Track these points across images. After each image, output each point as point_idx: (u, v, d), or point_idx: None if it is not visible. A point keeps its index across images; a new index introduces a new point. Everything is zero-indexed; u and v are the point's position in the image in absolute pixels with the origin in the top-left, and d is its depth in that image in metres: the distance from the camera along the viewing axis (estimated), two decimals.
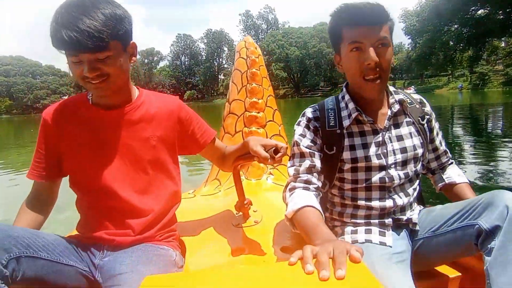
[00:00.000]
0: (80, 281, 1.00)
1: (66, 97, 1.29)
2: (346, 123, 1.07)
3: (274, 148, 1.06)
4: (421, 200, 1.23)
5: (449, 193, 1.21)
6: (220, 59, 79.03)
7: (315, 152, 1.08)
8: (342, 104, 1.10)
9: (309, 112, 1.12)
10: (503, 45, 39.45)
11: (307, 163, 1.06)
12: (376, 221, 1.06)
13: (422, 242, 1.06)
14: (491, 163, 4.99)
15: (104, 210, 1.05)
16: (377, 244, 1.01)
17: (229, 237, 1.25)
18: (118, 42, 0.92)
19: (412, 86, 39.74)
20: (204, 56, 78.77)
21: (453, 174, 1.22)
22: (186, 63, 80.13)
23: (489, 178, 4.27)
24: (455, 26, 19.73)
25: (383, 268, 0.90)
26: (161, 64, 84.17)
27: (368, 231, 1.05)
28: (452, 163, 1.26)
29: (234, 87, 1.88)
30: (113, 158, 1.04)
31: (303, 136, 1.09)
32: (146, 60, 79.67)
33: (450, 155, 1.25)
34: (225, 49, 77.42)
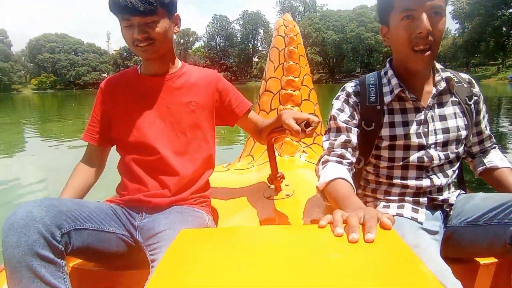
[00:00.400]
0: (120, 244, 1.08)
1: (105, 75, 1.39)
2: (387, 99, 1.04)
3: (305, 122, 1.07)
4: (462, 183, 1.18)
5: (490, 178, 1.14)
6: (255, 41, 78.29)
7: (352, 128, 1.06)
8: (384, 80, 1.07)
9: (349, 86, 1.10)
10: None
11: (342, 137, 1.05)
12: (410, 199, 1.04)
13: (456, 229, 1.02)
14: None
15: (144, 166, 1.14)
16: (408, 218, 1.00)
17: (260, 208, 1.29)
18: (164, 9, 1.06)
19: None
20: (239, 38, 78.30)
21: (495, 158, 1.14)
22: (221, 44, 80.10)
23: None
24: (510, 10, 18.11)
25: (413, 237, 0.89)
26: (196, 44, 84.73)
27: (401, 207, 1.04)
28: (495, 147, 1.19)
29: (271, 64, 1.89)
30: (156, 120, 1.15)
31: (341, 110, 1.08)
32: (182, 41, 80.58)
33: (494, 140, 1.17)
34: (261, 31, 76.44)
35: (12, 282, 0.83)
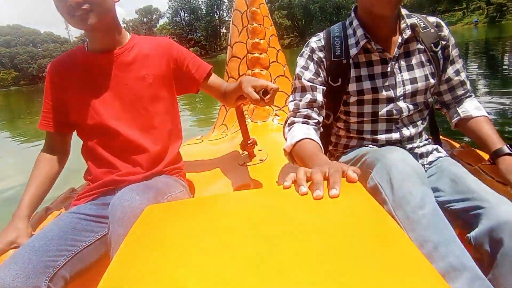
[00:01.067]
0: (103, 243, 1.01)
1: None
2: (353, 51, 1.01)
3: (263, 90, 1.04)
4: (436, 132, 1.17)
5: (465, 129, 1.08)
6: (221, 12, 75.68)
7: (317, 86, 1.03)
8: (350, 31, 1.03)
9: (313, 41, 1.06)
10: None
11: (308, 97, 1.03)
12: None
13: None
14: (505, 97, 4.86)
15: (110, 150, 1.10)
16: (369, 146, 1.01)
17: (235, 175, 1.28)
18: None
19: None
20: (204, 10, 75.50)
21: (470, 107, 1.08)
22: (186, 19, 77.15)
23: (504, 112, 4.18)
24: None
25: (373, 149, 0.90)
26: (161, 22, 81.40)
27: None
28: (470, 96, 1.11)
29: (235, 28, 1.82)
30: (114, 99, 1.09)
31: (306, 68, 1.05)
32: (144, 19, 77.01)
33: (469, 87, 1.10)
34: (225, 0, 73.91)
35: None
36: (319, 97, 1.03)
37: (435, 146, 1.08)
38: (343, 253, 0.44)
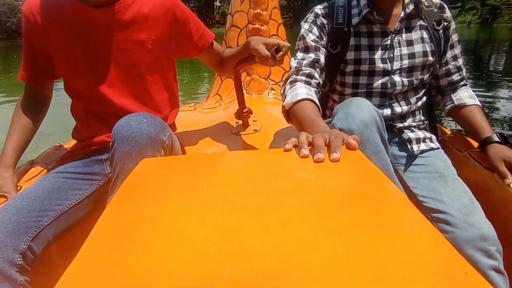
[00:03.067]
0: (90, 202, 0.99)
1: None
2: (355, 20, 1.03)
3: (275, 48, 1.02)
4: (432, 116, 1.19)
5: (457, 117, 1.10)
6: None
7: (320, 47, 1.05)
8: (354, 2, 1.05)
9: (318, 8, 1.09)
10: None
11: (311, 56, 1.04)
12: None
13: (410, 179, 1.03)
14: (487, 100, 5.01)
15: (102, 116, 1.03)
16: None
17: (228, 144, 1.27)
18: None
19: None
20: None
21: (464, 95, 1.11)
22: None
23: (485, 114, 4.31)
24: None
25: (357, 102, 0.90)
26: None
27: None
28: (465, 85, 1.14)
29: None
30: (108, 63, 0.99)
31: (309, 31, 1.06)
32: None
33: (464, 74, 1.13)
34: None
35: None
36: (322, 58, 1.05)
37: (429, 135, 1.10)
38: (343, 210, 0.44)
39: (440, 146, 1.10)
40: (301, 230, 0.40)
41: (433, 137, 1.11)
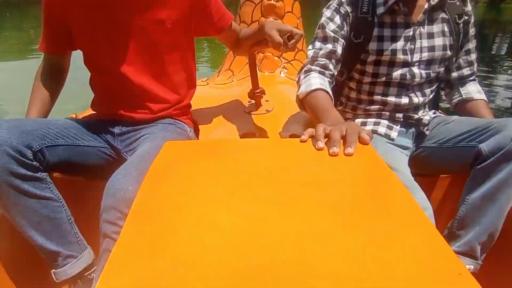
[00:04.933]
0: (100, 155, 1.06)
1: None
2: (380, 10, 1.02)
3: (289, 35, 1.03)
4: (436, 105, 1.22)
5: (464, 110, 1.14)
6: None
7: (339, 38, 1.05)
8: None
9: None
10: None
11: (328, 47, 1.04)
12: (387, 113, 1.10)
13: (426, 149, 1.08)
14: (487, 81, 5.02)
15: (120, 93, 1.07)
16: (382, 135, 1.07)
17: (240, 123, 1.30)
18: None
19: None
20: None
21: (473, 90, 1.14)
22: None
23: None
24: None
25: (384, 148, 0.97)
26: None
27: (377, 123, 1.10)
28: (474, 80, 1.17)
29: None
30: (128, 41, 1.01)
31: (331, 19, 1.05)
32: None
33: (475, 69, 1.15)
34: None
35: None
36: (339, 50, 1.05)
37: (433, 111, 1.16)
38: (355, 209, 0.49)
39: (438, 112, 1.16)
40: (318, 224, 0.46)
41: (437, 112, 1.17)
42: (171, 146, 0.71)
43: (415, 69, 1.05)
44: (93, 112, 1.16)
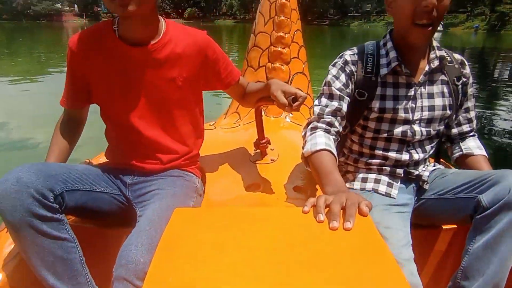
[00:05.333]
0: (113, 202, 1.10)
1: (59, 5, 1.21)
2: (383, 71, 1.05)
3: (293, 97, 1.07)
4: (438, 159, 1.25)
5: (464, 165, 1.17)
6: None
7: (344, 96, 1.07)
8: (383, 51, 1.08)
9: (347, 54, 1.10)
10: None
11: (334, 105, 1.07)
12: (388, 168, 1.10)
13: (427, 201, 1.09)
14: (488, 110, 5.05)
15: (132, 144, 1.13)
16: (382, 194, 1.07)
17: (246, 173, 1.31)
18: None
19: None
20: None
21: (473, 145, 1.17)
22: None
23: (482, 125, 4.35)
24: None
25: (381, 214, 0.98)
26: None
27: (377, 181, 1.10)
28: (474, 136, 1.21)
29: (261, 17, 1.79)
30: (140, 96, 1.08)
31: (336, 78, 1.09)
32: None
33: (475, 126, 1.20)
34: None
35: (17, 241, 0.87)
36: (344, 107, 1.08)
37: (433, 165, 1.18)
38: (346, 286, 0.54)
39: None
40: None
41: (437, 164, 1.19)
42: (181, 214, 0.74)
43: (416, 127, 1.07)
44: (106, 160, 1.22)
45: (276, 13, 1.72)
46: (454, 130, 1.20)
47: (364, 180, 1.12)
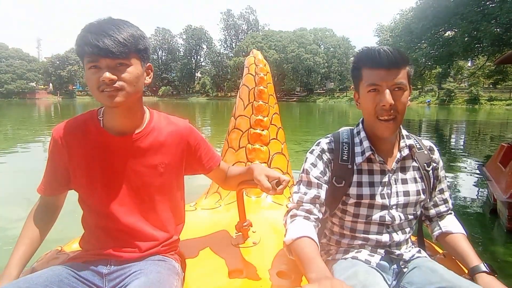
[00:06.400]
0: None
1: (33, 84, 1.22)
2: (358, 160, 1.11)
3: (277, 180, 1.10)
4: (422, 243, 1.29)
5: (445, 243, 1.21)
6: (198, 57, 78.03)
7: (322, 184, 1.11)
8: (357, 140, 1.14)
9: (324, 143, 1.16)
10: (469, 64, 41.81)
11: (312, 193, 1.10)
12: (369, 248, 1.13)
13: None
14: (451, 177, 5.34)
15: (110, 231, 1.09)
16: (362, 261, 1.08)
17: (228, 257, 1.27)
18: (138, 56, 0.99)
19: None
20: (182, 52, 77.42)
21: (450, 223, 1.22)
22: (163, 58, 78.31)
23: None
24: (425, 44, 20.70)
25: (365, 274, 0.97)
26: None
27: (358, 252, 1.12)
28: (451, 213, 1.26)
29: (241, 102, 1.91)
30: (121, 183, 1.07)
31: (314, 165, 1.13)
32: None
33: (450, 205, 1.25)
34: (204, 46, 76.63)
35: None
36: (323, 195, 1.11)
37: (417, 249, 1.19)
38: None
39: (426, 255, 1.18)
40: None
41: (420, 249, 1.20)
42: None
43: (394, 212, 1.12)
44: (80, 249, 1.14)
45: (255, 98, 1.84)
46: (432, 211, 1.24)
47: (346, 252, 1.14)
